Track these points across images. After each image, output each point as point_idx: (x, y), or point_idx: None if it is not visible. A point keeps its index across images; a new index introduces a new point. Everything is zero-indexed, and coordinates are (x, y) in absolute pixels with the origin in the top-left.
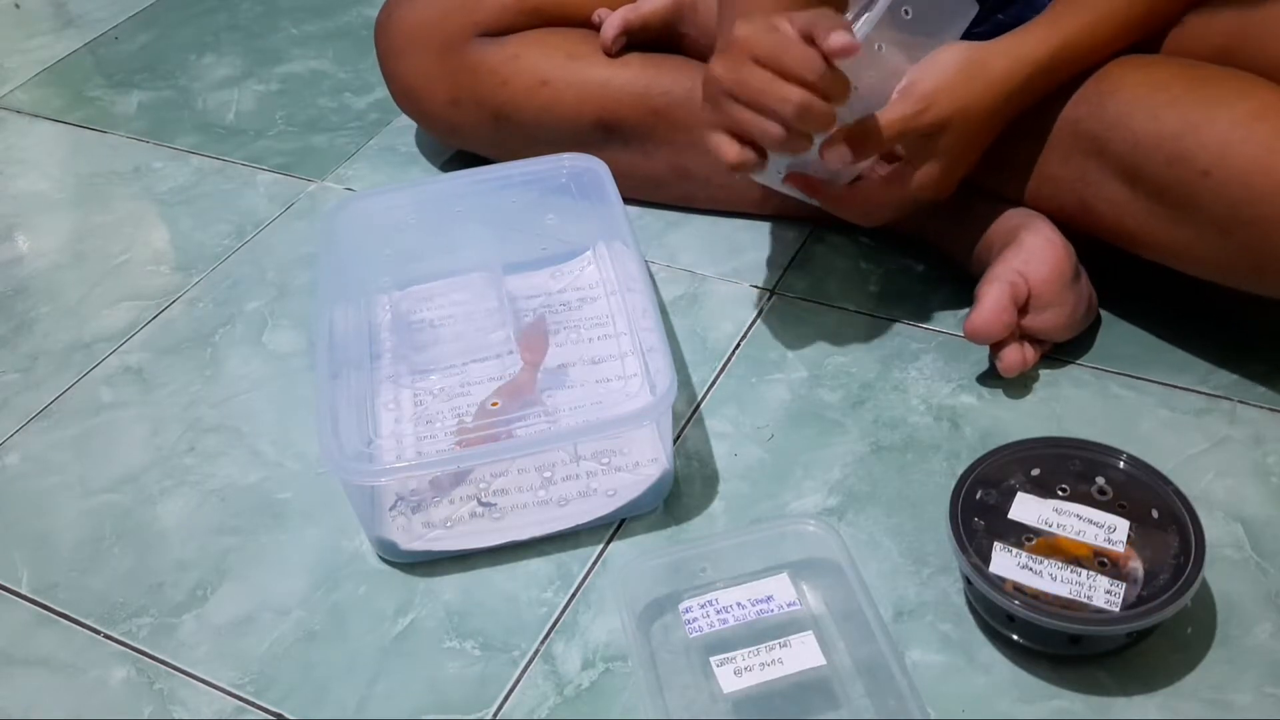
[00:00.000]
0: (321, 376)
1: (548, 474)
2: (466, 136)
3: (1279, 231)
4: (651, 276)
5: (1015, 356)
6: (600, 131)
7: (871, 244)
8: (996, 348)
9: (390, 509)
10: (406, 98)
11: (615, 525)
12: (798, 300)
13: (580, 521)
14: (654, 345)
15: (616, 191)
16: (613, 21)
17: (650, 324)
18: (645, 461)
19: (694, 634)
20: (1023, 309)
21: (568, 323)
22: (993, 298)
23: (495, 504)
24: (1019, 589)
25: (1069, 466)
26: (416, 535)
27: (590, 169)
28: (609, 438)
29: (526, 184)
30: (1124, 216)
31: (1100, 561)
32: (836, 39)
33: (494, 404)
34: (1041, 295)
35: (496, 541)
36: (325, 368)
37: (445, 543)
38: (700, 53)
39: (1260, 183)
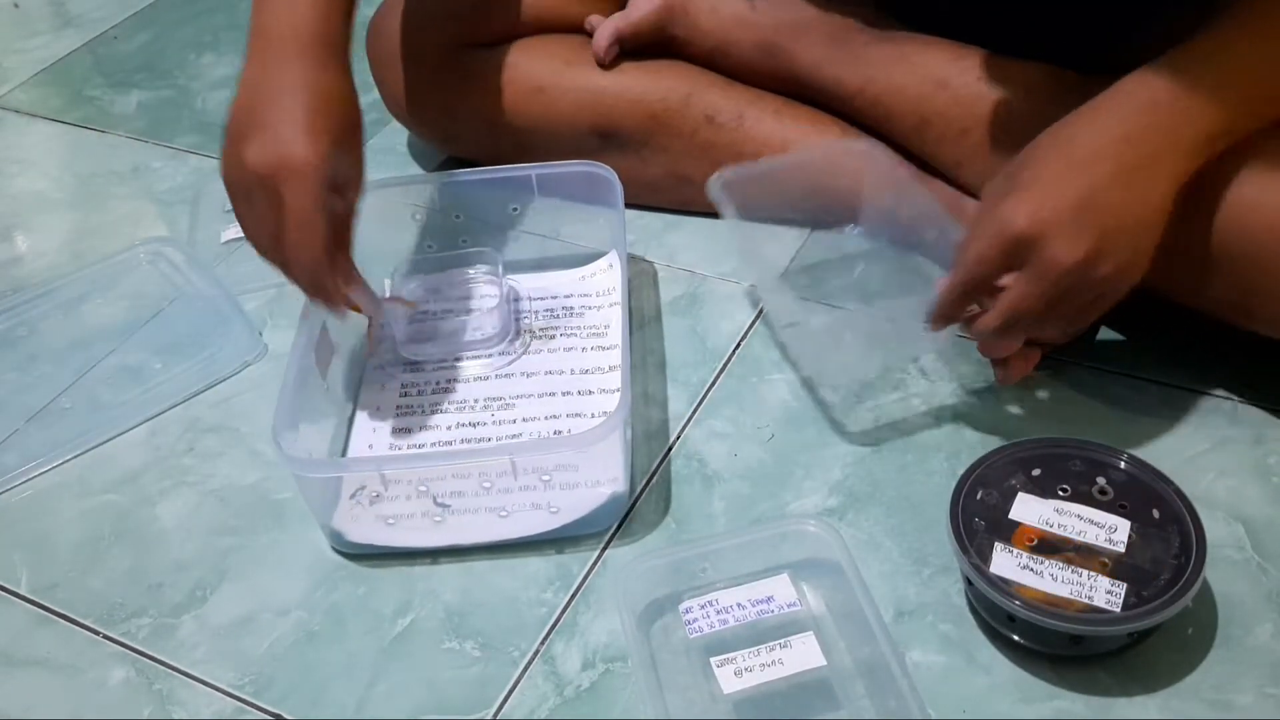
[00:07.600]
0: (290, 368)
1: (488, 484)
2: (462, 145)
3: (1267, 269)
4: (629, 286)
5: (1019, 366)
6: (597, 138)
7: (873, 243)
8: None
9: (351, 497)
10: (400, 106)
11: (615, 526)
12: (798, 300)
13: (522, 534)
14: (616, 363)
15: (621, 200)
16: (604, 31)
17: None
18: (605, 480)
19: (694, 634)
20: None
21: (565, 329)
22: None
23: (450, 505)
24: (1019, 589)
25: (1069, 467)
26: (367, 527)
27: (598, 175)
28: (560, 454)
29: (534, 186)
30: None
31: (1101, 561)
32: None
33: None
34: None
35: (442, 543)
36: (297, 359)
37: (392, 538)
38: (691, 54)
39: (1250, 220)
